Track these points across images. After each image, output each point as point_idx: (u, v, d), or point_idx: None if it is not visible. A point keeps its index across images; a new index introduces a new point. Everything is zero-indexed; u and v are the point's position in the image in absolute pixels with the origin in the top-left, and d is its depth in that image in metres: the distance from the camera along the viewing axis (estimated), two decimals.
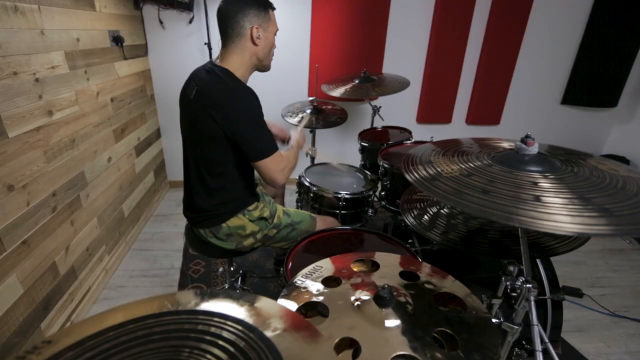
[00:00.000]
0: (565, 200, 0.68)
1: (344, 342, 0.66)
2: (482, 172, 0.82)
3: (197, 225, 1.37)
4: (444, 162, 0.90)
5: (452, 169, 0.86)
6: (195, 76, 1.26)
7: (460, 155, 0.94)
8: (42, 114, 1.49)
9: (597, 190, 0.72)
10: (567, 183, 0.74)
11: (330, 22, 2.71)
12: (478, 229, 1.09)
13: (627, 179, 0.76)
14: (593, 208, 0.66)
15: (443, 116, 3.21)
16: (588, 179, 0.76)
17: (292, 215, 1.46)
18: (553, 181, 0.75)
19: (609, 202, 0.67)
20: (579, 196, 0.69)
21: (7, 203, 1.29)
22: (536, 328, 0.80)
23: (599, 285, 2.16)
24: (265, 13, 1.24)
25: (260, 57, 1.28)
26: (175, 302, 0.47)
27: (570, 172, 0.79)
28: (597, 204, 0.67)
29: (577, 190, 0.72)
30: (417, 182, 0.83)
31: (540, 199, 0.69)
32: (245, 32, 1.22)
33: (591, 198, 0.69)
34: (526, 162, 0.83)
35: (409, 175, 0.86)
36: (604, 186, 0.73)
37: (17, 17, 1.36)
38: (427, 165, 0.90)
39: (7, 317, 1.29)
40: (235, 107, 1.17)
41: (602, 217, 0.63)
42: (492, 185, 0.75)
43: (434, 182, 0.81)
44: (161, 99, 2.91)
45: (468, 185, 0.77)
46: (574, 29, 2.98)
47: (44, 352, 0.38)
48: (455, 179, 0.80)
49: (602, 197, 0.69)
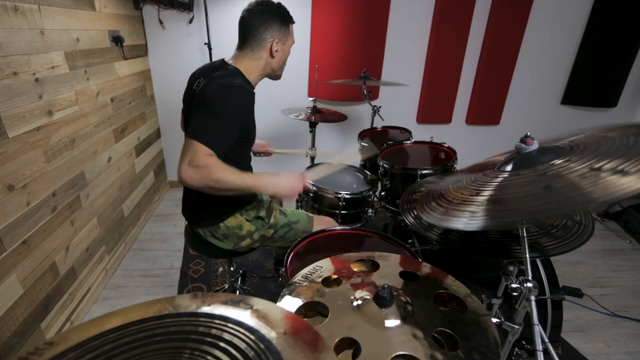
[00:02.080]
0: (577, 178, 0.68)
1: (344, 342, 0.66)
2: (490, 185, 0.82)
3: (196, 224, 1.38)
4: (454, 191, 0.91)
5: (463, 194, 0.86)
6: (204, 71, 1.27)
7: (467, 180, 0.94)
8: (42, 114, 1.49)
9: (607, 157, 0.70)
10: (575, 162, 0.73)
11: (330, 22, 2.71)
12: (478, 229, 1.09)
13: (638, 135, 0.74)
14: (607, 173, 0.64)
15: (443, 116, 3.21)
16: (597, 150, 0.74)
17: (289, 215, 1.46)
18: (560, 166, 0.75)
19: (622, 162, 0.65)
20: (589, 169, 0.68)
21: (7, 203, 1.29)
22: (536, 328, 0.80)
23: (599, 285, 2.16)
24: (286, 28, 1.27)
25: (275, 68, 1.32)
26: (176, 305, 0.47)
27: (577, 151, 0.78)
28: (610, 168, 0.65)
29: (587, 165, 0.70)
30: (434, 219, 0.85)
31: (551, 187, 0.69)
32: (265, 44, 1.24)
33: (602, 166, 0.67)
34: (529, 160, 0.83)
35: (425, 215, 0.89)
36: (613, 151, 0.71)
37: (17, 17, 1.36)
38: (439, 200, 0.91)
39: (7, 317, 1.29)
40: (215, 92, 1.12)
41: (620, 178, 0.61)
42: (502, 194, 0.76)
43: (447, 213, 0.82)
44: (161, 99, 2.91)
45: (480, 204, 0.77)
46: (574, 29, 2.98)
47: (46, 352, 0.38)
48: (467, 201, 0.81)
49: (614, 161, 0.67)
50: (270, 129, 3.03)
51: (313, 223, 1.47)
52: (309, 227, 1.45)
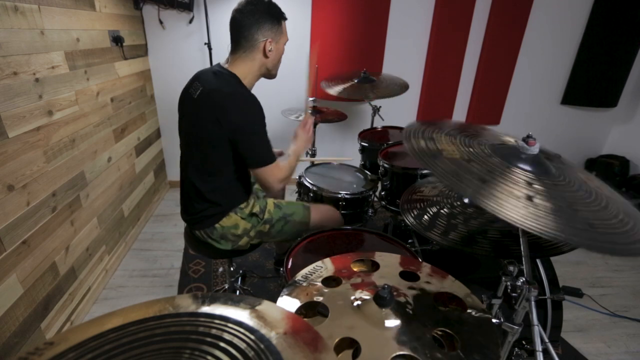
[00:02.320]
0: (555, 206, 0.68)
1: (344, 342, 0.66)
2: (481, 161, 0.81)
3: (193, 227, 1.37)
4: (446, 142, 0.88)
5: (453, 150, 0.84)
6: (201, 77, 1.27)
7: (463, 138, 0.92)
8: (42, 114, 1.49)
9: (583, 205, 0.73)
10: (559, 191, 0.74)
11: (330, 22, 2.71)
12: (478, 229, 1.09)
13: (610, 200, 0.77)
14: (579, 220, 0.67)
15: (443, 116, 3.21)
16: (577, 192, 0.76)
17: (284, 207, 1.45)
18: (547, 186, 0.75)
19: (593, 218, 0.69)
20: (568, 205, 0.70)
21: (7, 203, 1.29)
22: (536, 328, 0.80)
23: (599, 285, 2.16)
24: (279, 26, 1.26)
25: (270, 67, 1.31)
26: (176, 305, 0.47)
27: (563, 181, 0.79)
28: (583, 218, 0.68)
29: (567, 200, 0.72)
30: (416, 153, 0.80)
31: (533, 200, 0.69)
32: (258, 45, 1.23)
33: (578, 211, 0.70)
34: (525, 160, 0.83)
35: (409, 144, 0.83)
36: (589, 202, 0.75)
37: (17, 17, 1.36)
38: (428, 141, 0.87)
39: (7, 317, 1.29)
40: (240, 113, 1.18)
41: (586, 231, 0.64)
42: (490, 176, 0.75)
43: (435, 159, 0.79)
44: (161, 99, 2.90)
45: (468, 171, 0.75)
46: (574, 29, 2.98)
47: (46, 352, 0.38)
48: (456, 162, 0.79)
49: (588, 212, 0.70)
50: (270, 129, 3.02)
51: (310, 213, 1.45)
52: (305, 218, 1.44)
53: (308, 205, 1.49)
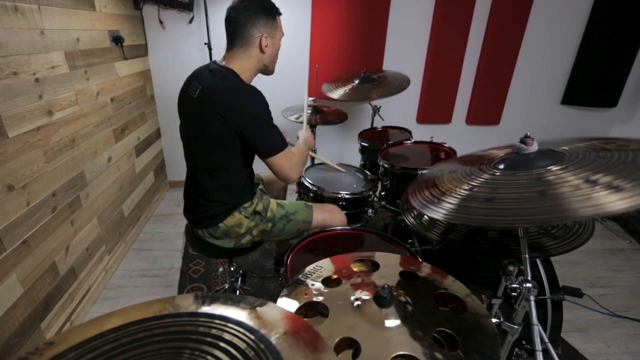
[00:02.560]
0: (571, 187, 0.68)
1: (344, 342, 0.66)
2: (485, 181, 0.82)
3: (196, 225, 1.37)
4: (448, 181, 0.91)
5: (456, 187, 0.86)
6: (198, 75, 1.26)
7: (463, 170, 0.94)
8: (42, 114, 1.49)
9: (604, 170, 0.70)
10: (572, 170, 0.73)
11: (330, 22, 2.71)
12: (478, 229, 1.09)
13: (638, 152, 0.74)
14: (601, 187, 0.64)
15: (443, 116, 3.21)
16: (595, 161, 0.74)
17: (287, 206, 1.45)
18: (557, 172, 0.75)
19: (617, 178, 0.66)
20: (585, 180, 0.68)
21: (7, 203, 1.29)
22: (536, 328, 0.80)
23: (599, 285, 2.16)
24: (273, 21, 1.25)
25: (267, 63, 1.31)
26: (176, 305, 0.47)
27: (575, 159, 0.78)
28: (605, 183, 0.65)
29: (582, 175, 0.70)
30: (424, 205, 0.85)
31: (546, 193, 0.69)
32: (254, 41, 1.23)
33: (598, 179, 0.67)
34: (527, 161, 0.83)
35: (415, 200, 0.89)
36: (611, 164, 0.71)
37: (17, 17, 1.36)
38: (432, 189, 0.91)
39: (7, 317, 1.29)
40: (244, 106, 1.18)
41: (612, 194, 0.62)
42: (495, 192, 0.75)
43: (440, 203, 0.82)
44: (161, 99, 2.90)
45: (472, 199, 0.77)
46: (574, 29, 2.98)
47: (46, 352, 0.38)
48: (459, 194, 0.80)
49: (610, 175, 0.67)
50: None
51: (313, 212, 1.46)
52: (308, 217, 1.44)
53: (311, 204, 1.49)
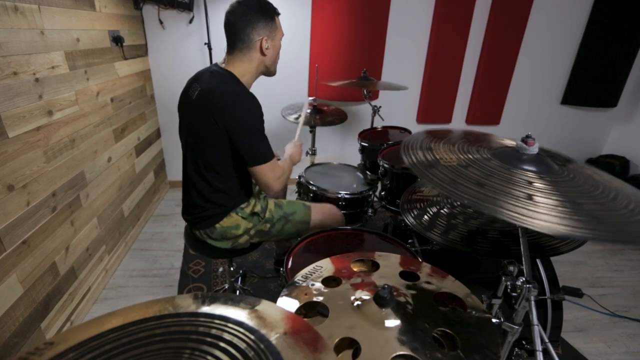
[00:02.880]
0: (557, 202, 0.68)
1: (344, 342, 0.66)
2: (480, 165, 0.81)
3: (193, 226, 1.38)
4: (444, 150, 0.89)
5: (451, 158, 0.85)
6: (199, 78, 1.27)
7: (461, 145, 0.93)
8: (42, 114, 1.49)
9: (589, 198, 0.72)
10: (561, 187, 0.74)
11: (330, 22, 2.71)
12: (478, 229, 1.09)
13: (619, 192, 0.77)
14: (584, 213, 0.66)
15: (443, 116, 3.21)
16: (582, 186, 0.76)
17: (285, 206, 1.45)
18: (548, 183, 0.75)
19: (599, 209, 0.68)
20: (570, 200, 0.70)
21: (7, 203, 1.29)
22: (536, 328, 0.80)
23: (599, 285, 2.16)
24: (273, 22, 1.25)
25: (268, 65, 1.31)
26: (176, 305, 0.47)
27: (566, 177, 0.79)
28: (588, 210, 0.67)
29: (570, 195, 0.72)
30: (414, 165, 0.81)
31: (533, 198, 0.69)
32: (254, 44, 1.23)
33: (583, 204, 0.69)
34: (525, 161, 0.83)
35: (407, 157, 0.85)
36: (596, 195, 0.74)
37: (17, 17, 1.36)
38: (426, 152, 0.88)
39: (7, 317, 1.29)
40: (237, 111, 1.18)
41: (591, 222, 0.64)
42: (487, 179, 0.75)
43: (431, 169, 0.80)
44: (161, 99, 2.90)
45: (464, 177, 0.76)
46: (574, 29, 2.98)
47: (46, 352, 0.38)
48: (453, 169, 0.79)
49: (594, 205, 0.70)
50: (270, 129, 3.02)
51: (311, 212, 1.46)
52: (306, 217, 1.44)
53: (309, 204, 1.49)
